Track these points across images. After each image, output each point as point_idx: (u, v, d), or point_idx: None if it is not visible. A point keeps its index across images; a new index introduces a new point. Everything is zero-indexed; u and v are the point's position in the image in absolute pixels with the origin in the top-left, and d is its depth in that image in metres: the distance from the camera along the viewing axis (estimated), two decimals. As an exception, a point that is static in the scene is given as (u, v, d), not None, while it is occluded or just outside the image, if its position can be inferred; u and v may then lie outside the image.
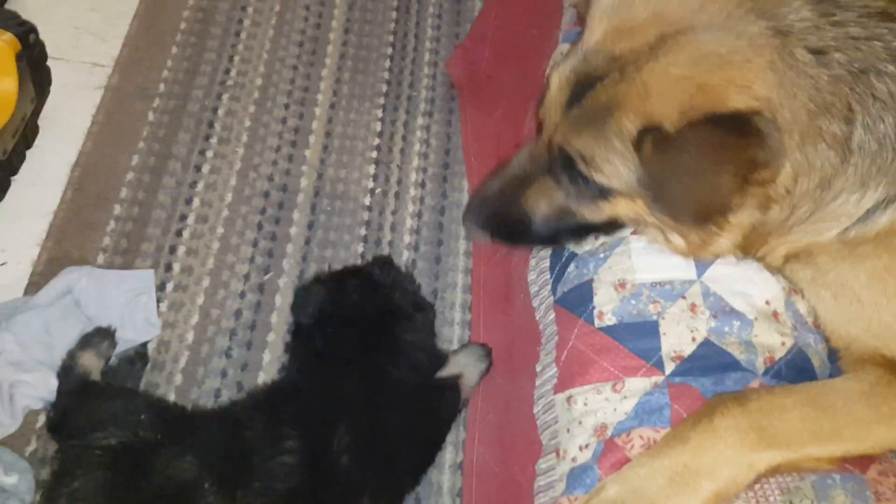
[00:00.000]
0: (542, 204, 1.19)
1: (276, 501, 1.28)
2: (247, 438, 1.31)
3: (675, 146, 0.96)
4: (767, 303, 1.11)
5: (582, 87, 1.05)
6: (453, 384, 1.53)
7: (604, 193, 1.10)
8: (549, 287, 1.34)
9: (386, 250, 1.86)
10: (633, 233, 1.20)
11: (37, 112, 1.87)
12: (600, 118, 1.02)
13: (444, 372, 1.55)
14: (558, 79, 1.10)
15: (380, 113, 2.08)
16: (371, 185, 1.96)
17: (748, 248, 1.11)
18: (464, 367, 1.57)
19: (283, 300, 1.74)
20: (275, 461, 1.28)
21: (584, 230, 1.21)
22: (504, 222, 1.25)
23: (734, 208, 1.01)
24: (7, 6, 2.04)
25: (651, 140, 0.98)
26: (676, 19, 0.99)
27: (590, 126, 1.05)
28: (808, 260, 1.08)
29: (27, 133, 1.84)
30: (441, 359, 1.59)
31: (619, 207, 1.11)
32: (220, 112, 2.00)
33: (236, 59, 2.09)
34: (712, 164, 0.95)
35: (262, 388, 1.53)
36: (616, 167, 1.04)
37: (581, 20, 1.49)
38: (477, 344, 1.64)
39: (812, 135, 0.96)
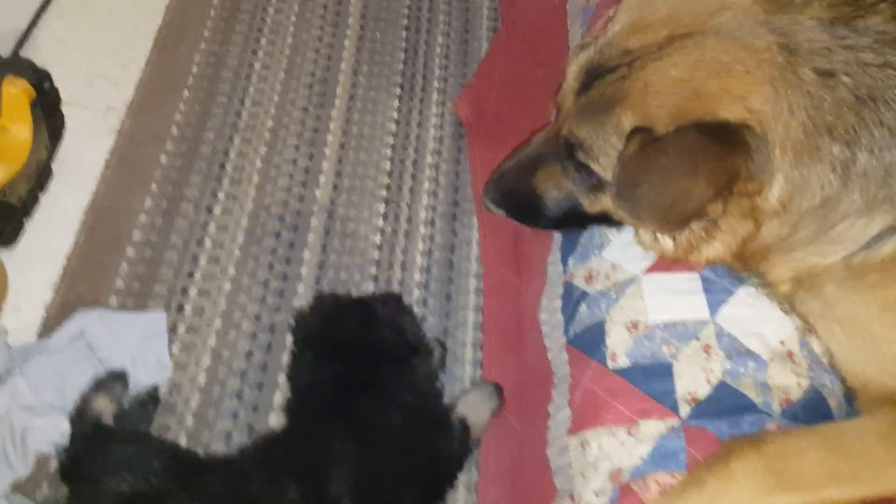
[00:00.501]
0: (551, 187, 1.22)
1: None
2: (250, 490, 1.30)
3: (656, 147, 0.97)
4: (782, 343, 1.11)
5: (593, 76, 1.07)
6: (456, 424, 1.52)
7: (600, 185, 1.12)
8: (561, 327, 1.33)
9: (396, 288, 1.86)
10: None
11: (50, 157, 1.90)
12: (603, 110, 1.04)
13: (452, 412, 1.54)
14: (575, 67, 1.12)
15: (389, 153, 2.09)
16: (381, 224, 1.97)
17: (747, 260, 1.10)
18: (472, 406, 1.56)
19: (293, 341, 1.74)
20: None
21: (586, 219, 1.23)
22: (518, 201, 1.28)
23: (714, 216, 1.02)
24: (22, 52, 2.08)
25: (638, 139, 0.99)
26: (689, 21, 1.00)
27: (592, 116, 1.06)
28: (816, 290, 1.07)
29: (41, 178, 1.86)
30: (438, 400, 1.57)
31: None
32: (232, 154, 2.02)
33: (247, 101, 2.12)
34: (688, 170, 0.96)
35: (263, 436, 1.52)
36: (611, 160, 1.05)
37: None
38: (486, 382, 1.63)
39: (808, 154, 0.96)
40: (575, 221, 1.26)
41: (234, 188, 1.96)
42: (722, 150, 0.94)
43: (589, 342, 1.22)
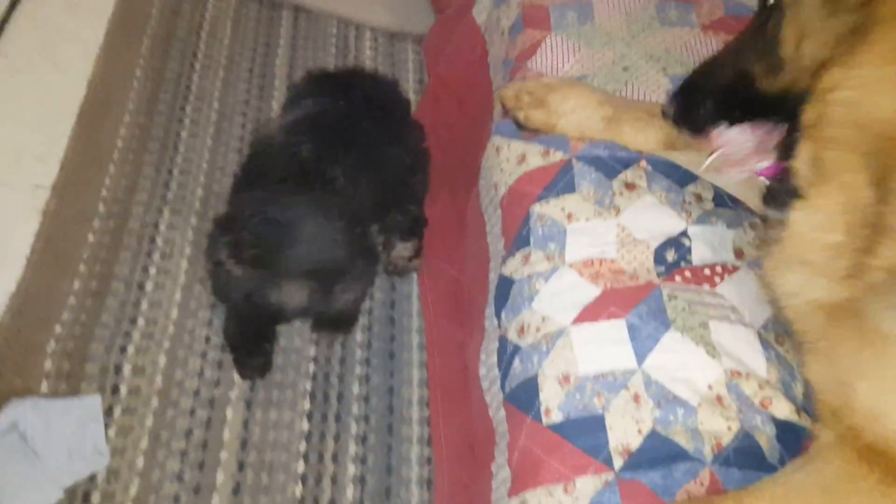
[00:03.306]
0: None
1: None
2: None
3: None
4: (710, 387, 1.10)
5: None
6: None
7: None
8: (498, 383, 1.33)
9: (338, 350, 1.84)
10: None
11: (-23, 240, 1.85)
12: None
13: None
14: None
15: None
16: (321, 285, 1.94)
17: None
18: None
19: (234, 413, 1.70)
20: None
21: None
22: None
23: None
24: (-57, 135, 2.04)
25: None
26: None
27: None
28: None
29: (-33, 263, 1.81)
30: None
31: None
32: (162, 227, 1.98)
33: (175, 171, 2.09)
34: None
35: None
36: None
37: (507, 112, 1.53)
38: None
39: None
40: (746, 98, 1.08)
41: (165, 262, 1.92)
42: None
43: (524, 398, 1.21)
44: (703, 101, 1.11)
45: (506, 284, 1.37)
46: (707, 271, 1.25)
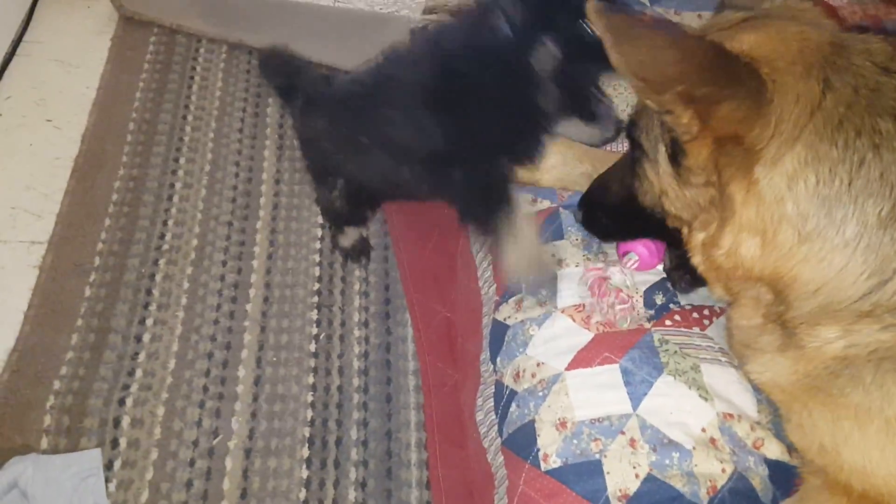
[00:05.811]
0: (615, 181, 1.26)
1: None
2: None
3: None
4: (704, 430, 1.13)
5: None
6: None
7: (647, 159, 1.10)
8: (495, 428, 1.34)
9: (335, 396, 1.85)
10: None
11: (-27, 298, 1.87)
12: None
13: None
14: None
15: (317, 258, 2.10)
16: (315, 331, 1.96)
17: (784, 291, 0.98)
18: None
19: (233, 463, 1.71)
20: None
21: (641, 214, 1.17)
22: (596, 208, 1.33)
23: (689, 130, 0.92)
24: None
25: None
26: None
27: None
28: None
29: (-37, 321, 1.83)
30: None
31: None
32: (158, 277, 2.01)
33: (170, 222, 2.12)
34: (668, 39, 0.85)
35: None
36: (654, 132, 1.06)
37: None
38: None
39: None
40: (634, 218, 1.19)
41: (162, 313, 1.94)
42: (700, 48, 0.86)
43: (521, 443, 1.23)
44: (600, 215, 1.30)
45: (500, 329, 1.40)
46: (695, 314, 1.28)
